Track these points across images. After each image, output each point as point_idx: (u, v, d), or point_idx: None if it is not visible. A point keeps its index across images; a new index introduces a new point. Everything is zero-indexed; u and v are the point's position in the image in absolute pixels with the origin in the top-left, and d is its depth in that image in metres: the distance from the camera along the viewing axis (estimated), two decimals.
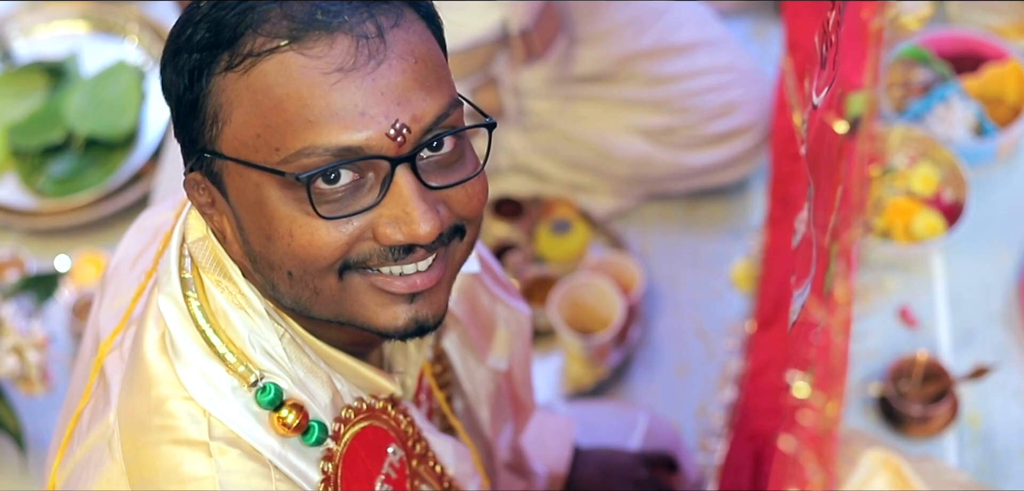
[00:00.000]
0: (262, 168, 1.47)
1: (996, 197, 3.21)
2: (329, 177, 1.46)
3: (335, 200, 1.48)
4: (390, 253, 1.51)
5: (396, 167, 1.47)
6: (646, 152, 3.18)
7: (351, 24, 1.45)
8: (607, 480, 2.45)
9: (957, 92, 3.28)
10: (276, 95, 1.44)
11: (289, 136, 1.45)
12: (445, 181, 1.52)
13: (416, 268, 1.53)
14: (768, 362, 2.35)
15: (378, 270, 1.52)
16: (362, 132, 1.44)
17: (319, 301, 1.54)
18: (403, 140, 1.46)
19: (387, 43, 1.46)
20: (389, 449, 1.70)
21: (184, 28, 1.51)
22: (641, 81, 3.18)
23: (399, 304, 1.54)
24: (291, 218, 1.48)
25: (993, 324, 3.01)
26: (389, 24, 1.47)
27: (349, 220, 1.48)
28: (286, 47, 1.44)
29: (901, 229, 3.07)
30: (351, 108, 1.44)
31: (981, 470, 2.78)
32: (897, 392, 2.84)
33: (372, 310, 1.54)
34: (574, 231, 3.17)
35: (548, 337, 3.07)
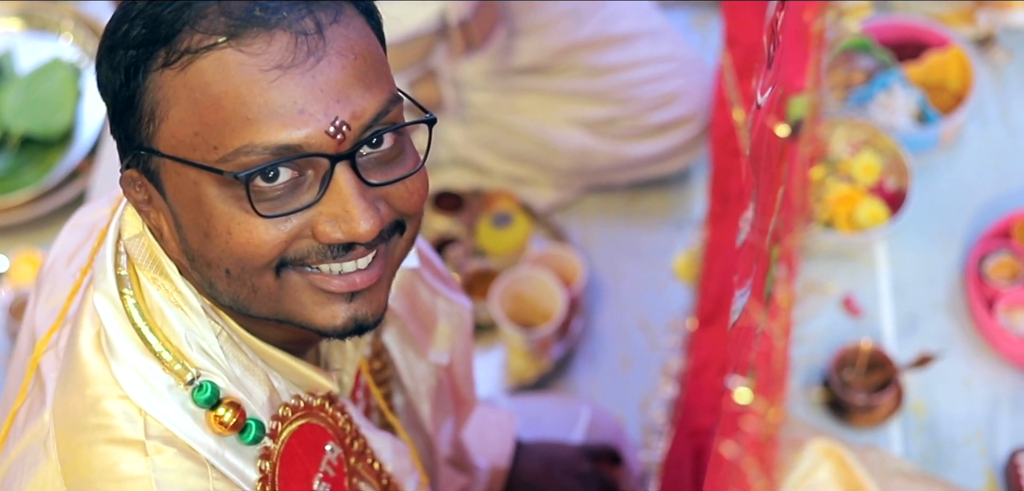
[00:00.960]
0: (200, 166, 1.44)
1: (939, 185, 3.21)
2: (268, 175, 1.44)
3: (274, 198, 1.46)
4: (329, 251, 1.49)
5: (336, 165, 1.45)
6: (587, 144, 3.16)
7: (290, 21, 1.43)
8: (550, 473, 2.44)
9: (899, 80, 3.28)
10: (214, 93, 1.42)
11: (227, 134, 1.42)
12: (385, 178, 1.50)
13: (355, 266, 1.52)
14: (709, 360, 2.34)
15: (317, 268, 1.51)
16: (301, 130, 1.42)
17: (257, 299, 1.52)
18: (343, 137, 1.44)
19: (326, 40, 1.45)
20: (327, 447, 1.68)
21: (120, 24, 1.48)
22: (581, 72, 3.16)
23: (338, 303, 1.53)
24: (229, 216, 1.46)
25: (937, 312, 3.01)
26: (328, 20, 1.46)
27: (288, 218, 1.46)
28: (224, 44, 1.42)
29: (844, 218, 3.07)
30: (290, 106, 1.42)
31: (926, 458, 2.78)
32: (841, 382, 2.83)
33: (310, 308, 1.53)
34: (515, 224, 3.15)
35: (490, 331, 3.05)
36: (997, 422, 2.84)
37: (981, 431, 2.83)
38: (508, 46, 3.13)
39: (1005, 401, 2.87)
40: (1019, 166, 3.25)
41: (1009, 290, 2.94)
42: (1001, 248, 3.01)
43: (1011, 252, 3.00)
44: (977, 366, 2.92)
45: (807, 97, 1.19)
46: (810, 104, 1.18)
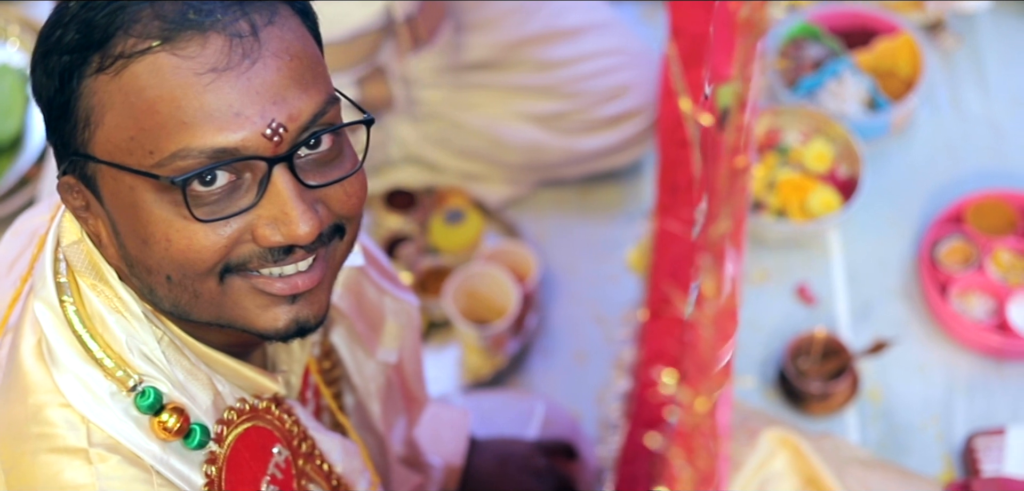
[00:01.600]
0: (136, 171, 1.43)
1: (891, 171, 3.22)
2: (205, 179, 1.42)
3: (212, 202, 1.44)
4: (270, 254, 1.48)
5: (273, 167, 1.44)
6: (538, 138, 3.15)
7: (224, 23, 1.42)
8: (504, 470, 2.43)
9: (849, 67, 3.28)
10: (149, 97, 1.41)
11: (163, 138, 1.41)
12: (323, 179, 1.49)
13: (296, 268, 1.51)
14: (660, 351, 2.33)
15: (258, 272, 1.49)
16: (237, 133, 1.41)
17: (199, 304, 1.50)
18: (280, 139, 1.43)
19: (261, 41, 1.43)
20: (274, 449, 1.67)
21: (53, 29, 1.47)
22: (530, 67, 3.15)
23: (280, 305, 1.52)
24: (168, 222, 1.44)
25: (891, 298, 3.02)
26: (263, 22, 1.44)
27: (227, 222, 1.45)
28: (158, 48, 1.41)
29: (796, 207, 3.07)
30: (226, 109, 1.40)
31: (883, 445, 2.78)
32: (796, 370, 2.84)
33: (253, 312, 1.51)
34: (467, 221, 3.14)
35: (444, 328, 3.04)
36: (953, 406, 2.84)
37: (937, 416, 2.84)
38: (457, 42, 3.12)
39: (960, 385, 2.88)
40: (970, 151, 3.26)
41: (962, 275, 2.95)
42: (954, 233, 3.02)
43: (963, 237, 3.01)
44: (932, 351, 2.93)
45: (733, 86, 1.18)
46: (736, 93, 1.17)
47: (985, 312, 2.92)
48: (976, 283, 2.94)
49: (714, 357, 1.10)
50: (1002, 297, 2.92)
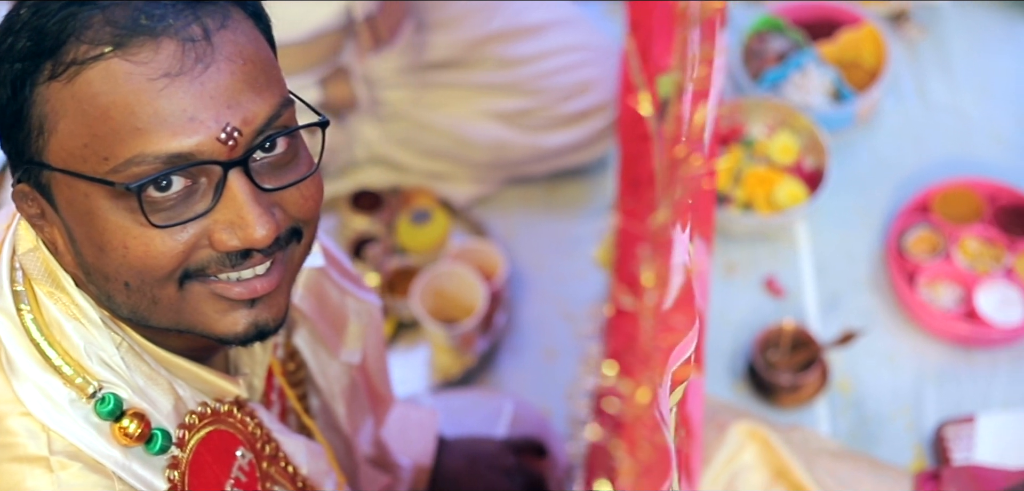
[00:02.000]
0: (91, 179, 1.42)
1: (857, 162, 3.23)
2: (160, 185, 1.41)
3: (168, 208, 1.43)
4: (227, 259, 1.47)
5: (229, 171, 1.43)
6: (503, 136, 3.14)
7: (176, 28, 1.41)
8: (473, 469, 2.43)
9: (813, 59, 3.29)
10: (102, 104, 1.39)
11: (117, 145, 1.40)
12: (279, 183, 1.48)
13: (254, 273, 1.50)
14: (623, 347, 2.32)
15: (217, 277, 1.49)
16: (192, 137, 1.40)
17: (157, 310, 1.50)
18: (234, 143, 1.42)
19: (214, 45, 1.42)
20: (237, 453, 1.66)
21: (4, 36, 1.45)
22: (494, 64, 3.14)
23: (239, 309, 1.51)
24: (124, 229, 1.43)
25: (859, 289, 3.03)
26: (215, 26, 1.43)
27: (184, 227, 1.44)
28: (110, 54, 1.40)
29: (763, 199, 3.08)
30: (180, 113, 1.39)
31: (854, 435, 2.79)
32: (766, 363, 2.84)
33: (212, 317, 1.51)
34: (434, 220, 3.13)
35: (413, 329, 3.03)
36: (923, 396, 2.85)
37: (907, 406, 2.84)
38: (419, 41, 3.11)
39: (930, 374, 2.88)
40: (936, 140, 3.27)
41: (930, 264, 2.95)
42: (920, 222, 3.03)
43: (930, 226, 3.01)
44: (901, 341, 2.94)
45: (672, 76, 1.17)
46: (675, 83, 1.16)
47: (953, 301, 2.93)
48: (944, 272, 2.95)
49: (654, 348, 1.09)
50: (970, 285, 2.93)
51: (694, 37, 1.28)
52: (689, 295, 1.34)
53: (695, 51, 1.32)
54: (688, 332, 1.38)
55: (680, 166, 1.15)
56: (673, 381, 1.42)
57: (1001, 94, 3.37)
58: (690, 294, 1.36)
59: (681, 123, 1.17)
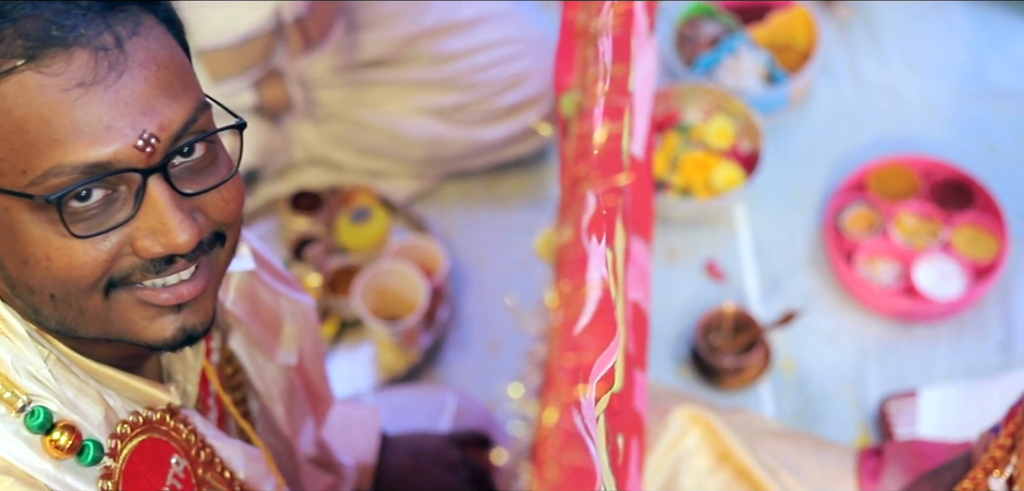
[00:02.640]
0: (10, 193, 1.41)
1: (792, 143, 3.25)
2: (80, 195, 1.41)
3: (89, 218, 1.43)
4: (152, 265, 1.47)
5: (148, 178, 1.43)
6: (439, 132, 3.15)
7: (88, 37, 1.40)
8: (418, 465, 2.43)
9: (745, 43, 3.30)
10: (17, 117, 1.39)
11: (35, 157, 1.39)
12: (200, 187, 1.48)
13: (179, 278, 1.50)
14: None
15: (142, 284, 1.48)
16: (109, 146, 1.40)
17: (85, 321, 1.49)
18: (152, 150, 1.42)
19: (127, 53, 1.42)
20: (172, 460, 1.65)
21: None
22: (427, 61, 3.14)
23: (166, 315, 1.51)
24: (46, 241, 1.43)
25: (799, 269, 3.04)
26: (127, 33, 1.43)
27: (106, 236, 1.43)
28: (23, 67, 1.39)
29: (700, 184, 3.09)
30: (96, 123, 1.39)
31: (798, 414, 2.81)
32: (708, 346, 2.85)
33: (139, 324, 1.50)
34: (374, 218, 3.12)
35: (357, 327, 3.03)
36: (865, 372, 2.87)
37: (850, 383, 2.86)
38: (351, 40, 3.10)
39: (871, 351, 2.90)
40: (870, 119, 3.30)
41: (867, 241, 2.97)
42: (857, 201, 3.05)
43: (867, 204, 3.04)
44: (842, 319, 2.96)
45: (574, 94, 1.17)
46: (577, 102, 1.17)
47: (892, 277, 2.95)
48: (881, 249, 2.97)
49: (559, 368, 1.09)
50: (908, 261, 2.95)
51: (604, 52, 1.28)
52: (607, 308, 1.34)
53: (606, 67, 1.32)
54: (607, 344, 1.38)
55: (581, 185, 1.15)
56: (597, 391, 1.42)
57: (933, 70, 3.40)
58: (608, 306, 1.36)
59: (585, 142, 1.17)
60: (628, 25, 1.64)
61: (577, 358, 1.12)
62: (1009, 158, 3.20)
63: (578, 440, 1.13)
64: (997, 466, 1.94)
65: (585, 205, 1.17)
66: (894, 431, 2.72)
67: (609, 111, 1.36)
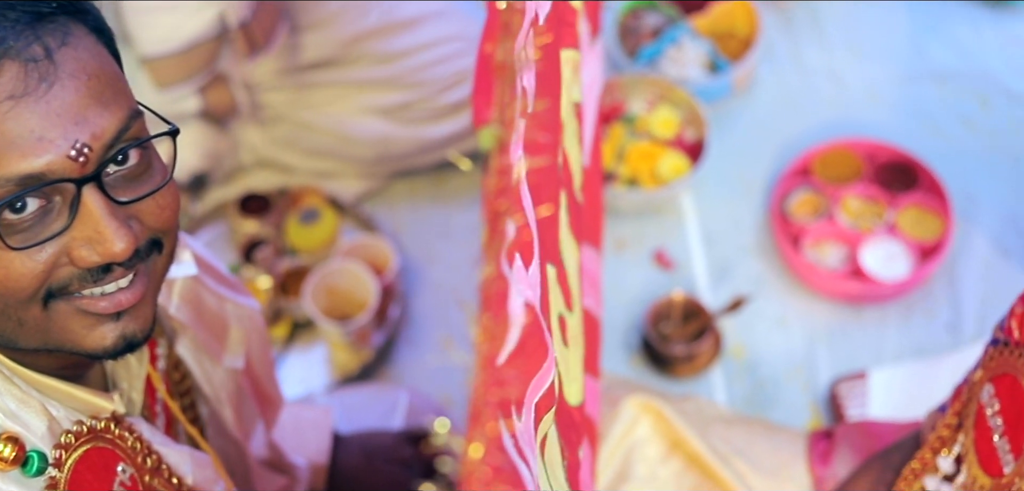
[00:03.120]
0: None
1: (737, 130, 3.26)
2: (15, 207, 1.40)
3: (25, 229, 1.42)
4: (89, 275, 1.46)
5: (82, 188, 1.42)
6: (385, 131, 3.15)
7: (17, 49, 1.40)
8: (371, 463, 2.43)
9: (687, 32, 3.32)
10: None
11: None
12: (135, 194, 1.48)
13: (117, 286, 1.49)
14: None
15: (80, 293, 1.48)
16: (42, 157, 1.39)
17: (24, 332, 1.49)
18: (85, 160, 1.41)
19: (57, 63, 1.41)
20: (118, 468, 1.65)
21: None
22: (371, 60, 3.14)
23: (105, 323, 1.50)
24: None
25: (747, 255, 3.06)
26: (56, 44, 1.42)
27: (42, 247, 1.43)
28: None
29: (647, 174, 3.10)
30: (28, 134, 1.38)
31: (750, 400, 2.82)
32: (659, 335, 2.86)
33: (79, 334, 1.50)
34: (323, 219, 3.13)
35: (309, 328, 3.03)
36: (815, 355, 2.89)
37: (801, 366, 2.88)
38: (295, 43, 3.10)
39: (821, 334, 2.92)
40: (813, 104, 3.32)
41: (814, 226, 2.99)
42: (802, 185, 3.07)
43: (812, 188, 3.06)
44: (790, 304, 2.98)
45: (493, 129, 1.18)
46: (496, 136, 1.17)
47: (839, 260, 2.97)
48: (828, 232, 2.99)
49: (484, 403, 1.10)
50: (854, 244, 2.97)
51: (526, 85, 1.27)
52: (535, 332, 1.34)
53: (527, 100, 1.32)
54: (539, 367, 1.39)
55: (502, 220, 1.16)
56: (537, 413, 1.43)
57: (874, 54, 3.42)
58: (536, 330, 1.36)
59: (504, 176, 1.17)
60: (553, 58, 1.64)
61: (501, 392, 1.12)
62: (951, 138, 3.23)
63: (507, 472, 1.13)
64: (944, 445, 1.96)
65: (505, 237, 1.17)
66: (845, 413, 2.74)
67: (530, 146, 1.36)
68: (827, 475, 2.37)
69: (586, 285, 2.21)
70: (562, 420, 1.65)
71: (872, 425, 2.47)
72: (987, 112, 3.29)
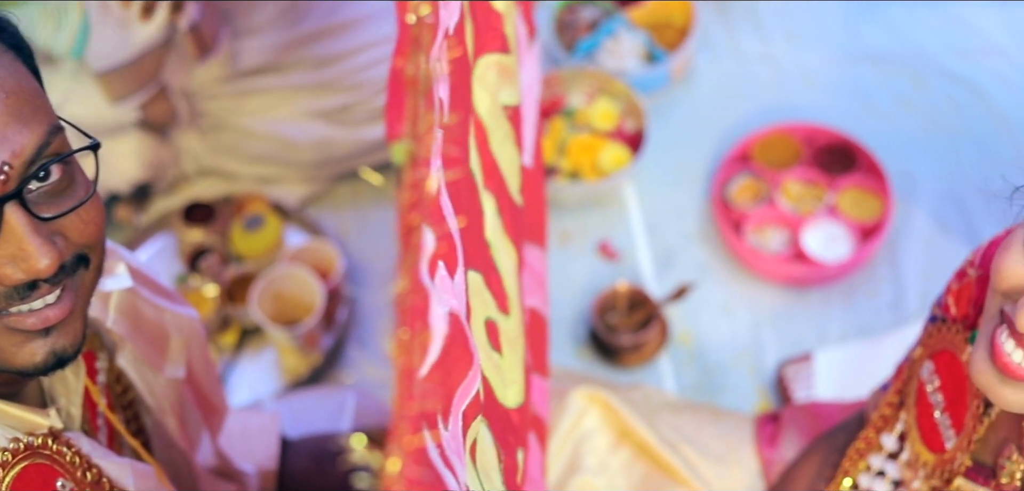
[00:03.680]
0: None
1: (676, 119, 3.28)
2: None
3: None
4: (15, 292, 1.45)
5: (4, 206, 1.42)
6: (326, 134, 3.15)
7: None
8: (319, 466, 2.43)
9: (623, 24, 3.33)
10: None
11: None
12: (58, 210, 1.47)
13: (45, 302, 1.48)
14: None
15: (8, 311, 1.47)
16: None
17: None
18: (6, 177, 1.41)
19: None
20: (58, 483, 1.64)
21: None
22: (309, 65, 3.14)
23: (35, 340, 1.50)
24: None
25: (691, 243, 3.07)
26: None
27: None
28: None
29: (589, 166, 3.11)
30: None
31: (698, 386, 2.83)
32: (606, 326, 2.87)
33: (9, 351, 1.50)
34: (267, 225, 3.12)
35: (258, 334, 3.02)
36: (761, 339, 2.91)
37: (747, 351, 2.90)
38: (234, 50, 3.10)
39: (766, 318, 2.94)
40: (750, 90, 3.34)
41: (755, 211, 3.01)
42: (742, 171, 3.09)
43: (752, 174, 3.08)
44: (735, 289, 2.99)
45: (405, 144, 1.18)
46: (408, 151, 1.18)
47: (781, 244, 2.99)
48: (769, 217, 3.01)
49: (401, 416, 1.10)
50: (795, 227, 2.99)
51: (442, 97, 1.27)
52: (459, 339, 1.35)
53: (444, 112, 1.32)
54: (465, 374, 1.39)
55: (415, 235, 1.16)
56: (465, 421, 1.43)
57: (809, 38, 3.45)
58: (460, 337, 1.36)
59: (417, 190, 1.18)
60: (464, 71, 1.64)
61: (424, 403, 1.12)
62: (888, 118, 3.26)
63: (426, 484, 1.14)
64: (888, 423, 1.98)
65: (421, 251, 1.18)
66: (792, 395, 2.75)
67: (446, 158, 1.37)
68: (775, 458, 2.38)
69: (532, 284, 2.21)
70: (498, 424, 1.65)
71: (818, 406, 2.48)
72: (922, 91, 3.33)
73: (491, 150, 1.78)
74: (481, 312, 1.62)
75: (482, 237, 1.69)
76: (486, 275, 1.68)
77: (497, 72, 1.82)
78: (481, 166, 1.72)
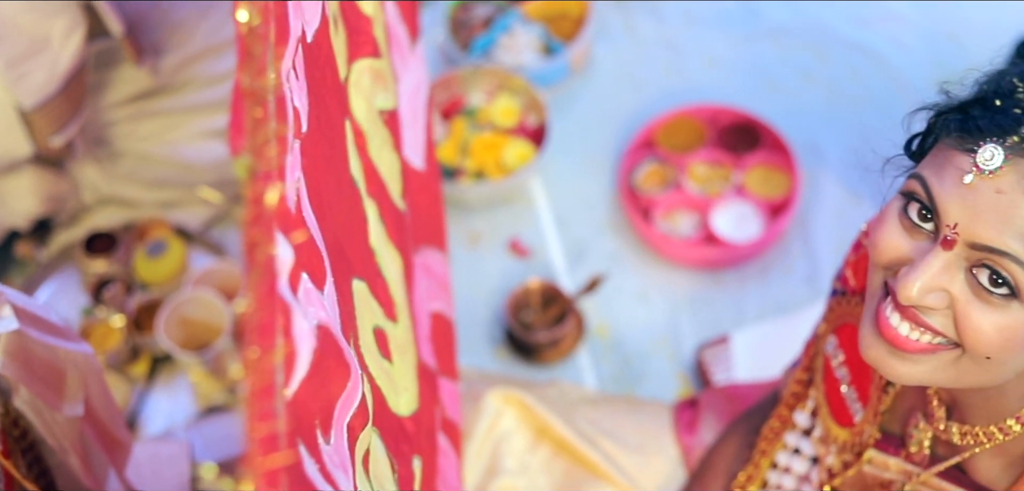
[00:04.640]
0: None
1: (578, 110, 3.27)
2: None
3: None
4: None
5: None
6: (223, 152, 3.10)
7: None
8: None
9: (518, 18, 3.32)
10: None
11: None
12: None
13: None
14: None
15: None
16: None
17: None
18: None
19: None
20: None
21: None
22: (200, 84, 3.10)
23: None
24: None
25: (601, 233, 3.06)
26: None
27: None
28: None
29: (493, 164, 3.09)
30: None
31: (618, 377, 2.83)
32: (521, 324, 2.85)
33: None
34: (170, 250, 3.08)
35: (169, 362, 2.97)
36: (678, 325, 2.90)
37: (665, 337, 2.89)
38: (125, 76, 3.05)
39: (682, 303, 2.93)
40: (651, 75, 3.33)
41: (663, 196, 3.00)
42: (648, 158, 3.08)
43: (657, 160, 3.07)
44: (649, 276, 2.98)
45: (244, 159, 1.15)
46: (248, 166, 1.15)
47: (691, 227, 2.98)
48: (677, 201, 3.00)
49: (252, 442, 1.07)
50: (704, 210, 2.98)
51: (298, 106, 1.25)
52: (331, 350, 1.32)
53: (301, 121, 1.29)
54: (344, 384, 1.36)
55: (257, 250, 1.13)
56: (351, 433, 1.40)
57: (708, 18, 3.44)
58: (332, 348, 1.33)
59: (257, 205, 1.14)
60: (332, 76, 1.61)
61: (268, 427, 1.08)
62: (790, 93, 3.26)
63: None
64: (799, 401, 1.98)
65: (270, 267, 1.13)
66: (712, 378, 2.75)
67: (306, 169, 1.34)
68: (694, 443, 2.37)
69: (435, 288, 2.19)
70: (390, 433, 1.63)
71: (734, 388, 2.48)
72: (823, 63, 3.33)
73: (370, 156, 1.76)
74: (369, 320, 1.60)
75: (366, 244, 1.66)
76: (371, 283, 1.65)
77: (371, 77, 1.79)
78: (363, 172, 1.70)
